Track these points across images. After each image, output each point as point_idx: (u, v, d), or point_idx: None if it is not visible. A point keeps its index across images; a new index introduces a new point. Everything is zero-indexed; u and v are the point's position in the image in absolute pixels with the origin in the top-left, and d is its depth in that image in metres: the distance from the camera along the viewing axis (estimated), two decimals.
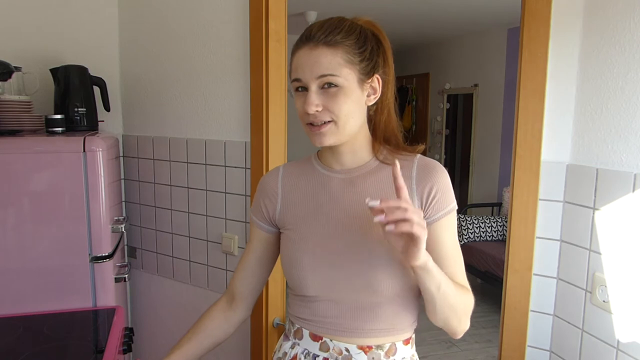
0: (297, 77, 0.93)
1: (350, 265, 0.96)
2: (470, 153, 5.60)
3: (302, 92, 0.94)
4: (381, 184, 1.00)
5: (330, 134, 0.94)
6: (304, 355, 1.02)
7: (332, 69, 0.90)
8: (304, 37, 0.94)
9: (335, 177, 1.03)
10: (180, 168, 2.03)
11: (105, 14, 2.14)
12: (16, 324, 1.49)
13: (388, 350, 0.99)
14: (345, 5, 3.92)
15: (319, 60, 0.91)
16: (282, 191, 1.07)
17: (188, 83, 1.98)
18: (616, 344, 1.28)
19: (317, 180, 1.04)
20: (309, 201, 1.03)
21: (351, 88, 0.93)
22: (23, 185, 1.56)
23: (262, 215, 1.10)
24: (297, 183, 1.07)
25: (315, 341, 1.01)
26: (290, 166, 1.12)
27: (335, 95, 0.91)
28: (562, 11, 1.38)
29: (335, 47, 0.91)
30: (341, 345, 0.98)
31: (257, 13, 1.72)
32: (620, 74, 1.27)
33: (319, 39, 0.91)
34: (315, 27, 0.93)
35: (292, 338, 1.06)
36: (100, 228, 1.62)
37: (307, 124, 0.95)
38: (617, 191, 1.27)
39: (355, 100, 0.94)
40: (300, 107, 0.94)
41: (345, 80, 0.92)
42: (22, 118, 1.72)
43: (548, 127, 1.43)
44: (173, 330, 2.18)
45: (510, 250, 1.51)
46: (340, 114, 0.92)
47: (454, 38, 5.76)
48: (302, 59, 0.93)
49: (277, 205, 1.07)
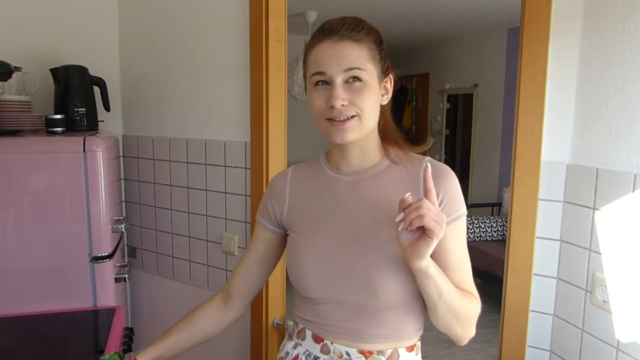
0: (321, 70, 0.91)
1: (353, 269, 0.94)
2: (470, 153, 5.60)
3: (323, 86, 0.92)
4: (387, 185, 0.98)
5: (354, 129, 0.92)
6: (305, 356, 1.01)
7: (359, 63, 0.90)
8: (325, 31, 0.92)
9: (341, 179, 1.02)
10: (180, 168, 2.03)
11: (105, 14, 2.14)
12: (16, 324, 1.49)
13: (390, 357, 0.97)
14: (345, 5, 3.92)
15: (346, 53, 0.89)
16: (290, 193, 1.06)
17: (188, 83, 1.98)
18: (616, 344, 1.28)
19: (323, 182, 1.03)
20: (315, 203, 1.03)
21: (374, 84, 0.92)
22: (23, 185, 1.56)
23: (268, 216, 1.09)
24: (305, 185, 1.06)
25: (317, 343, 1.00)
26: (299, 168, 1.10)
27: (360, 90, 0.90)
28: (562, 11, 1.38)
29: (360, 42, 0.91)
30: (342, 348, 0.97)
31: (257, 13, 1.72)
32: (620, 74, 1.27)
33: (343, 34, 0.90)
34: (337, 22, 0.92)
35: (295, 338, 1.06)
36: (100, 228, 1.62)
37: (328, 119, 0.92)
38: (617, 191, 1.27)
39: (376, 98, 0.94)
40: (321, 102, 0.92)
41: (370, 75, 0.91)
42: (22, 118, 1.72)
43: (548, 127, 1.43)
44: None
45: (510, 250, 1.51)
46: (365, 109, 0.91)
47: (454, 38, 5.76)
48: (324, 52, 0.91)
49: (285, 207, 1.06)
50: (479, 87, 5.40)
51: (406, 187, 0.97)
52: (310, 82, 0.94)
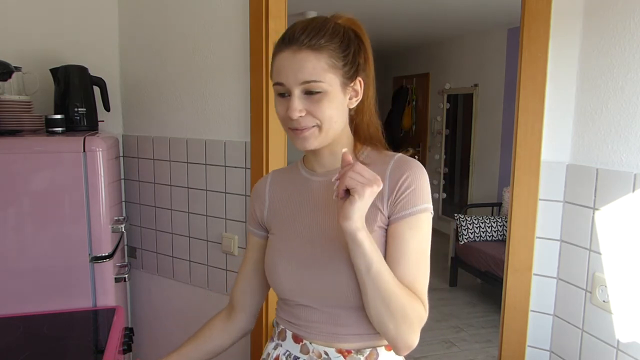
0: (280, 81, 0.91)
1: (323, 271, 0.94)
2: (470, 153, 5.60)
3: (284, 97, 0.92)
4: None
5: (313, 137, 0.93)
6: (285, 356, 1.02)
7: (316, 75, 0.89)
8: (287, 39, 0.91)
9: (315, 180, 1.02)
10: (180, 168, 2.03)
11: (105, 14, 2.14)
12: (16, 324, 1.49)
13: (369, 356, 0.96)
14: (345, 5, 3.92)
15: (303, 65, 0.89)
16: (270, 196, 1.08)
17: (188, 83, 1.98)
18: (616, 344, 1.28)
19: (299, 184, 1.05)
20: (291, 205, 1.04)
21: (334, 93, 0.91)
22: (23, 185, 1.56)
23: (255, 222, 1.11)
24: (282, 188, 1.08)
25: (297, 343, 1.01)
26: (279, 172, 1.13)
27: (318, 100, 0.90)
28: (562, 11, 1.38)
29: (319, 51, 0.89)
30: (320, 348, 0.98)
31: (257, 13, 1.72)
32: (620, 74, 1.27)
33: (302, 42, 0.89)
34: (298, 28, 0.91)
35: (276, 339, 1.07)
36: (100, 228, 1.62)
37: (290, 128, 0.94)
38: (617, 191, 1.27)
39: (338, 104, 0.93)
40: (282, 112, 0.93)
41: (329, 85, 0.90)
42: (22, 118, 1.72)
43: (548, 127, 1.43)
44: (173, 330, 2.18)
45: (510, 250, 1.51)
46: (324, 119, 0.91)
47: (454, 38, 5.76)
48: (284, 62, 0.90)
49: (265, 210, 1.08)
50: (479, 87, 5.40)
51: None
52: (274, 91, 0.95)
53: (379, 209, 0.94)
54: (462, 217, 4.38)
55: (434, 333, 3.59)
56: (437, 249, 5.66)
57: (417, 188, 0.93)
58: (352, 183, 0.82)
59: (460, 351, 3.36)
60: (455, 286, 4.55)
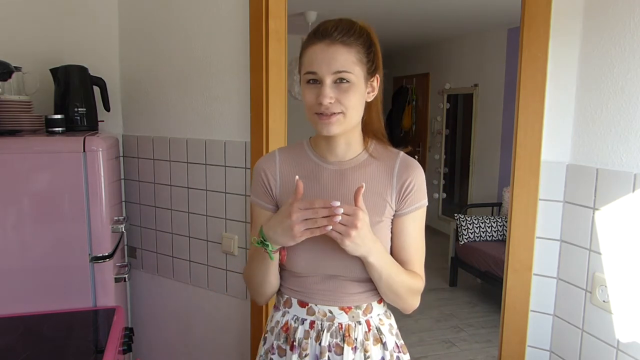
0: (313, 70, 1.01)
1: (334, 250, 1.04)
2: (470, 153, 5.59)
3: (314, 84, 1.02)
4: (368, 178, 1.10)
5: (338, 123, 1.03)
6: (293, 320, 1.14)
7: (347, 67, 1.00)
8: (320, 33, 1.02)
9: (328, 168, 1.12)
10: (180, 168, 2.03)
11: (105, 14, 2.14)
12: (16, 324, 1.49)
13: (365, 309, 1.13)
14: (345, 5, 3.92)
15: (336, 57, 1.00)
16: (281, 174, 1.15)
17: (188, 83, 1.98)
18: (616, 344, 1.28)
19: (310, 169, 1.13)
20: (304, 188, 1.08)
21: (360, 85, 1.03)
22: (23, 185, 1.56)
23: (266, 195, 1.15)
24: (292, 169, 1.14)
25: (302, 307, 1.13)
26: (284, 152, 1.19)
27: (347, 90, 1.01)
28: (562, 11, 1.38)
29: (350, 47, 1.01)
30: (325, 308, 1.11)
31: (257, 13, 1.72)
32: (620, 74, 1.27)
33: (335, 38, 1.00)
34: (331, 25, 1.02)
35: (282, 308, 1.17)
36: (100, 228, 1.62)
37: (317, 113, 1.03)
38: (617, 191, 1.27)
39: (361, 96, 1.05)
40: (312, 98, 1.03)
41: (356, 77, 1.02)
42: (21, 118, 1.72)
43: (548, 127, 1.43)
44: (173, 330, 2.18)
45: (510, 250, 1.51)
46: (349, 107, 1.02)
47: (454, 38, 5.76)
48: (318, 54, 1.01)
49: (277, 185, 1.15)
50: (479, 87, 5.40)
51: (383, 181, 1.10)
52: (304, 79, 1.04)
53: (388, 203, 1.10)
54: (462, 217, 4.38)
55: (434, 333, 3.59)
56: (437, 249, 5.66)
57: (419, 188, 1.11)
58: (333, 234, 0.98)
59: (460, 351, 3.36)
60: (455, 286, 4.55)
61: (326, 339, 1.10)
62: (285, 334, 1.14)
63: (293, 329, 1.13)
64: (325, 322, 1.11)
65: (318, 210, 0.96)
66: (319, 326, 1.11)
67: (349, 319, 1.11)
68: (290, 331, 1.13)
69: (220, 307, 2.00)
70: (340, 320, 1.11)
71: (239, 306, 1.94)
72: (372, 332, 1.13)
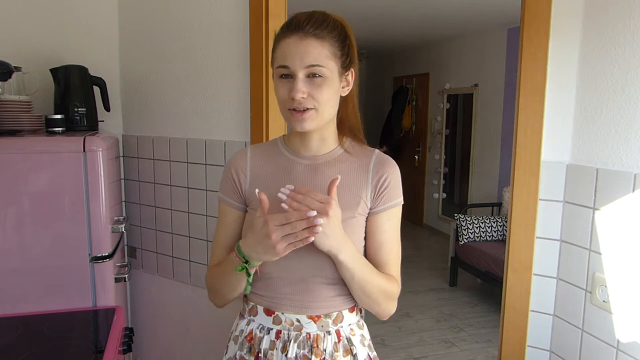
0: (285, 64, 0.98)
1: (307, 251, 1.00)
2: (470, 153, 5.59)
3: (287, 79, 0.99)
4: (341, 172, 1.07)
5: (311, 119, 1.00)
6: (259, 330, 1.09)
7: (320, 60, 0.97)
8: (292, 26, 0.99)
9: (301, 163, 1.09)
10: (180, 168, 2.03)
11: (105, 14, 2.14)
12: (16, 324, 1.49)
13: (335, 318, 1.07)
14: (345, 5, 3.92)
15: (309, 50, 0.97)
16: (251, 171, 1.11)
17: (188, 83, 1.98)
18: (616, 344, 1.28)
19: (282, 164, 1.10)
20: (273, 183, 1.07)
21: (333, 79, 1.00)
22: (23, 185, 1.56)
23: (235, 193, 1.12)
24: (264, 165, 1.12)
25: (268, 316, 1.08)
26: (257, 148, 1.16)
27: (320, 84, 0.98)
28: (562, 11, 1.38)
29: (323, 40, 0.98)
30: (292, 317, 1.06)
31: (257, 13, 1.72)
32: (620, 74, 1.27)
33: (308, 31, 0.97)
34: (303, 18, 0.99)
35: (247, 316, 1.13)
36: (100, 228, 1.62)
37: (289, 109, 1.00)
38: (617, 191, 1.27)
39: (335, 91, 1.02)
40: (284, 93, 1.00)
41: (330, 71, 0.99)
42: (22, 118, 1.72)
43: (548, 127, 1.43)
44: (173, 330, 2.18)
45: (510, 250, 1.51)
46: (322, 102, 0.99)
47: (454, 38, 5.76)
48: (290, 47, 0.98)
49: (247, 182, 1.11)
50: (479, 87, 5.40)
51: (358, 177, 1.08)
52: (276, 74, 1.01)
53: (362, 199, 1.07)
54: (462, 217, 4.38)
55: (434, 333, 3.59)
56: (437, 249, 5.66)
57: (394, 185, 1.08)
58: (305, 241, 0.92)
59: (460, 351, 3.36)
60: (455, 286, 4.55)
61: (293, 349, 1.04)
62: (249, 344, 1.09)
63: (258, 339, 1.08)
64: (293, 332, 1.06)
65: (295, 225, 0.91)
66: (286, 336, 1.06)
67: (318, 328, 1.06)
68: (254, 341, 1.08)
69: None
70: (308, 329, 1.05)
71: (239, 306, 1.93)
72: (342, 342, 1.07)
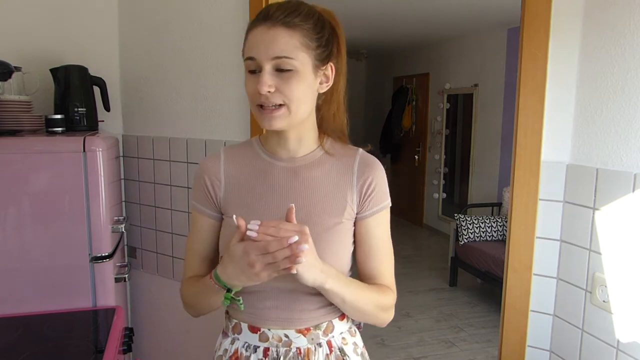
0: (251, 55, 0.90)
1: None
2: (470, 153, 5.60)
3: (255, 73, 0.91)
4: (324, 176, 1.01)
5: (282, 117, 0.92)
6: (244, 348, 1.01)
7: (288, 51, 0.89)
8: (261, 15, 0.91)
9: (279, 165, 1.02)
10: (180, 168, 2.03)
11: (105, 14, 2.14)
12: (16, 324, 1.49)
13: (325, 329, 1.01)
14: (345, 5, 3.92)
15: (276, 40, 0.88)
16: (225, 176, 1.03)
17: (188, 83, 1.98)
18: (616, 344, 1.28)
19: (259, 167, 1.03)
20: (252, 189, 1.01)
21: (305, 73, 0.91)
22: (23, 185, 1.56)
23: (209, 200, 1.04)
24: (239, 169, 1.04)
25: (254, 333, 1.01)
26: (231, 150, 1.08)
27: (289, 78, 0.90)
28: (562, 11, 1.38)
29: (293, 29, 0.89)
30: (280, 332, 0.99)
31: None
32: (620, 74, 1.27)
33: (277, 19, 0.89)
34: (274, 6, 0.91)
35: (230, 334, 1.05)
36: (100, 228, 1.62)
37: (258, 105, 0.93)
38: (617, 191, 1.27)
39: (308, 86, 0.93)
40: (252, 88, 0.92)
41: (301, 64, 0.90)
42: (22, 118, 1.72)
43: (548, 127, 1.43)
44: (173, 330, 2.18)
45: (510, 250, 1.51)
46: (292, 98, 0.91)
47: (454, 38, 5.76)
48: (257, 37, 0.90)
49: (221, 190, 1.03)
50: (479, 87, 5.40)
51: (341, 179, 1.00)
52: (245, 67, 0.93)
53: (348, 203, 1.00)
54: (462, 217, 4.38)
55: (434, 333, 3.59)
56: (437, 249, 5.66)
57: (380, 188, 1.01)
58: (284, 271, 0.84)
59: (460, 351, 3.36)
60: (455, 286, 4.55)
61: None
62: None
63: (244, 358, 1.00)
64: (282, 348, 0.98)
65: (276, 254, 0.82)
66: (274, 353, 0.98)
67: (308, 341, 0.99)
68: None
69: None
70: (298, 344, 0.98)
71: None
72: (334, 353, 1.01)
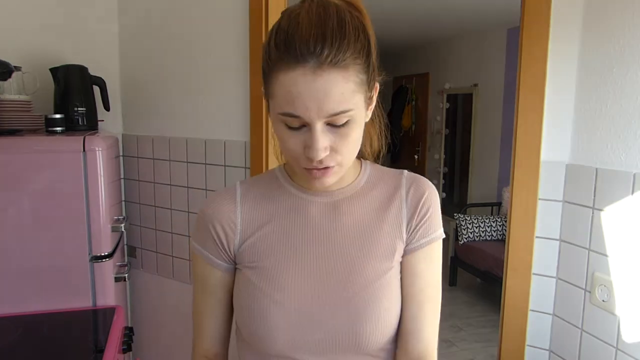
0: (296, 113, 0.67)
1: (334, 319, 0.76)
2: (470, 153, 5.60)
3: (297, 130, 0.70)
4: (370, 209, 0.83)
5: (334, 175, 0.74)
6: None
7: (345, 103, 0.67)
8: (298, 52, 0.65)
9: (315, 201, 0.82)
10: (180, 168, 2.03)
11: (105, 14, 2.14)
12: (16, 324, 1.49)
13: None
14: None
15: (330, 92, 0.65)
16: (243, 219, 0.82)
17: (188, 83, 1.98)
18: (616, 344, 1.28)
19: (289, 205, 0.83)
20: (281, 233, 0.81)
21: (360, 115, 0.72)
22: (23, 184, 1.56)
23: (217, 250, 0.83)
24: (261, 208, 0.83)
25: None
26: (250, 185, 0.86)
27: (347, 133, 0.70)
28: (562, 11, 1.38)
29: (347, 70, 0.66)
30: None
31: (257, 12, 1.72)
32: (620, 74, 1.27)
33: (325, 59, 0.65)
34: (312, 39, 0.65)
35: None
36: (100, 228, 1.62)
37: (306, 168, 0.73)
38: (617, 191, 1.27)
39: (362, 126, 0.74)
40: (295, 147, 0.71)
41: (358, 108, 0.70)
42: (21, 118, 1.72)
43: (548, 127, 1.43)
44: (173, 330, 2.18)
45: (509, 249, 1.51)
46: (350, 155, 0.73)
47: (454, 38, 5.76)
48: (300, 87, 0.65)
49: (237, 236, 0.82)
50: (478, 87, 5.41)
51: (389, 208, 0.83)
52: (278, 119, 0.71)
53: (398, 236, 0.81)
54: (461, 216, 4.38)
55: None
56: None
57: (435, 211, 0.82)
58: None
59: (460, 351, 3.36)
60: (454, 286, 4.55)
61: None
62: None
63: None
64: None
65: None
66: None
67: None
68: None
69: None
70: None
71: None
72: None
